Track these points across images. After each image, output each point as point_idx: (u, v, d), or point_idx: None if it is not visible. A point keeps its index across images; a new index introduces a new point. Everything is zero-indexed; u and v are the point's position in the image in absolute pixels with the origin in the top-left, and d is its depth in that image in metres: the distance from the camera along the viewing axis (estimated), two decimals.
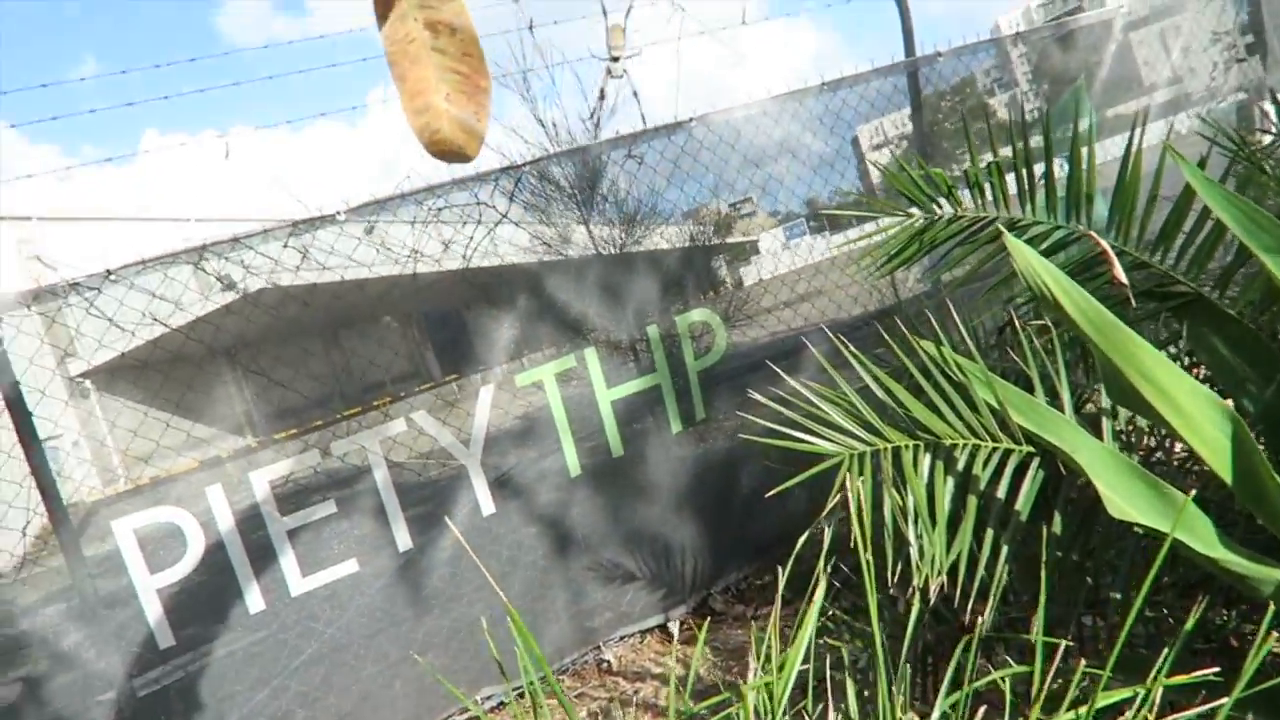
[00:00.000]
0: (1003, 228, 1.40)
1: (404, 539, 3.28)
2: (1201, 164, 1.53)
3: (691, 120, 3.75)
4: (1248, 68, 5.73)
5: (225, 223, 21.57)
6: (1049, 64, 5.15)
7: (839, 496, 1.52)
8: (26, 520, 3.11)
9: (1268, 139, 3.09)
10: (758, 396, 1.76)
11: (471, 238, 3.55)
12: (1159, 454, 2.08)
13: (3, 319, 2.89)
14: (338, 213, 3.10)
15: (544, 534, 3.64)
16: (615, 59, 2.86)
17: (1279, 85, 5.42)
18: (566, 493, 3.59)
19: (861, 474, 1.52)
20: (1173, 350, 1.90)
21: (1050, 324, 1.74)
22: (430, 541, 3.41)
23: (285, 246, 3.10)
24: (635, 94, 2.78)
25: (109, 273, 2.91)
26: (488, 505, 3.39)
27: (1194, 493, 1.15)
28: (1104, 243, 1.43)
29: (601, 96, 2.81)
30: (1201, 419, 1.21)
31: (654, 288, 3.90)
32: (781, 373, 1.93)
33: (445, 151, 0.53)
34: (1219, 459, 1.21)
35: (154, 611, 2.91)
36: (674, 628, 3.68)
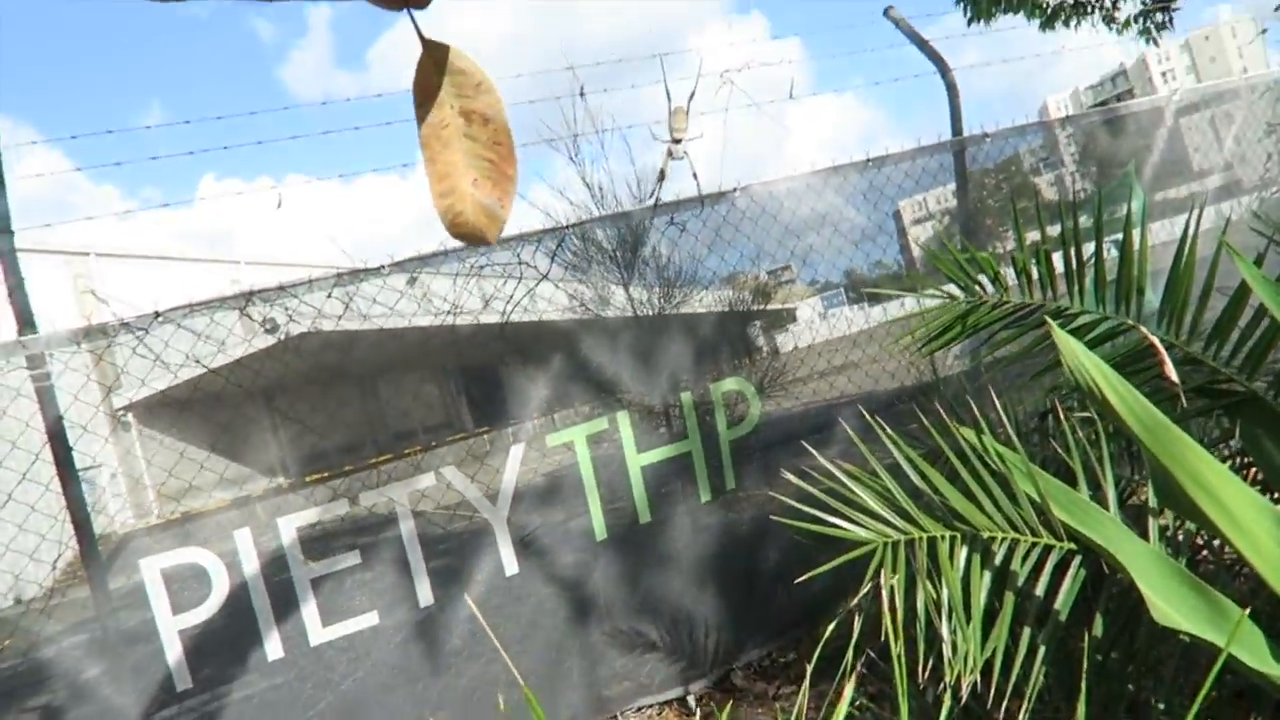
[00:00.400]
0: (1049, 319, 1.37)
1: (425, 594, 3.25)
2: (1259, 261, 1.49)
3: (736, 190, 3.78)
4: None
5: (274, 267, 22.08)
6: (1098, 147, 5.14)
7: (870, 585, 1.47)
8: (58, 554, 3.14)
9: None
10: (790, 477, 1.73)
11: (511, 296, 3.58)
12: (1205, 551, 2.00)
13: (53, 354, 2.95)
14: (382, 266, 3.15)
15: (566, 597, 3.59)
16: (677, 140, 2.88)
17: None
18: (591, 556, 3.55)
19: (895, 564, 1.48)
20: (1224, 450, 1.84)
21: (1095, 415, 1.70)
22: (451, 598, 3.38)
23: (329, 296, 3.14)
24: (695, 175, 2.80)
25: (158, 314, 2.97)
26: (511, 564, 3.36)
27: (1248, 611, 1.09)
28: (1154, 339, 1.39)
29: (662, 178, 2.84)
30: (1256, 528, 1.16)
31: (689, 353, 3.89)
32: (814, 451, 1.89)
33: (465, 233, 0.54)
34: (1273, 571, 1.15)
35: (174, 652, 2.89)
36: (693, 702, 3.59)
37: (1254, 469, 1.70)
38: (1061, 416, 1.66)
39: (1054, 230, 2.06)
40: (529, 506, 3.57)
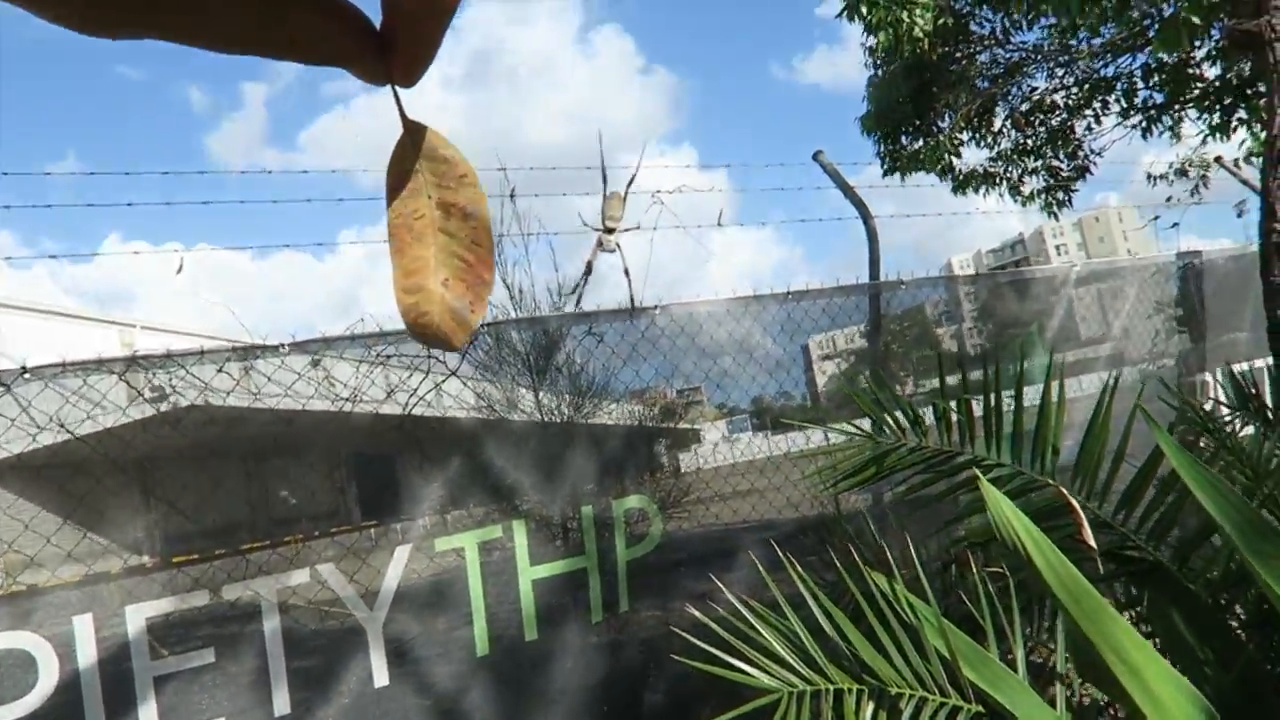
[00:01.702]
0: (978, 472, 1.35)
1: (282, 702, 2.97)
2: (1171, 431, 1.51)
3: (656, 308, 3.78)
4: (1181, 339, 6.06)
5: (173, 334, 21.25)
6: (999, 306, 5.38)
7: None
8: None
9: (1208, 406, 3.18)
10: (692, 610, 1.64)
11: (415, 390, 3.45)
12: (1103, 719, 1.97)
13: None
14: (281, 345, 3.00)
15: (438, 714, 3.35)
16: (610, 230, 2.71)
17: (1209, 357, 5.71)
18: (470, 672, 3.33)
19: (799, 716, 1.38)
20: (1127, 616, 1.83)
21: (1005, 570, 1.67)
22: (310, 709, 3.11)
23: (220, 370, 2.96)
24: (626, 271, 2.65)
25: (25, 369, 2.74)
26: (382, 675, 3.11)
27: None
28: (1075, 502, 1.38)
29: (588, 271, 2.69)
30: (1178, 713, 1.12)
31: (594, 466, 3.80)
32: (717, 581, 1.81)
33: (429, 336, 0.46)
34: None
35: None
36: None
37: (1154, 638, 1.68)
38: (973, 569, 1.62)
39: (953, 381, 2.08)
40: (409, 612, 3.35)
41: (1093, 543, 1.33)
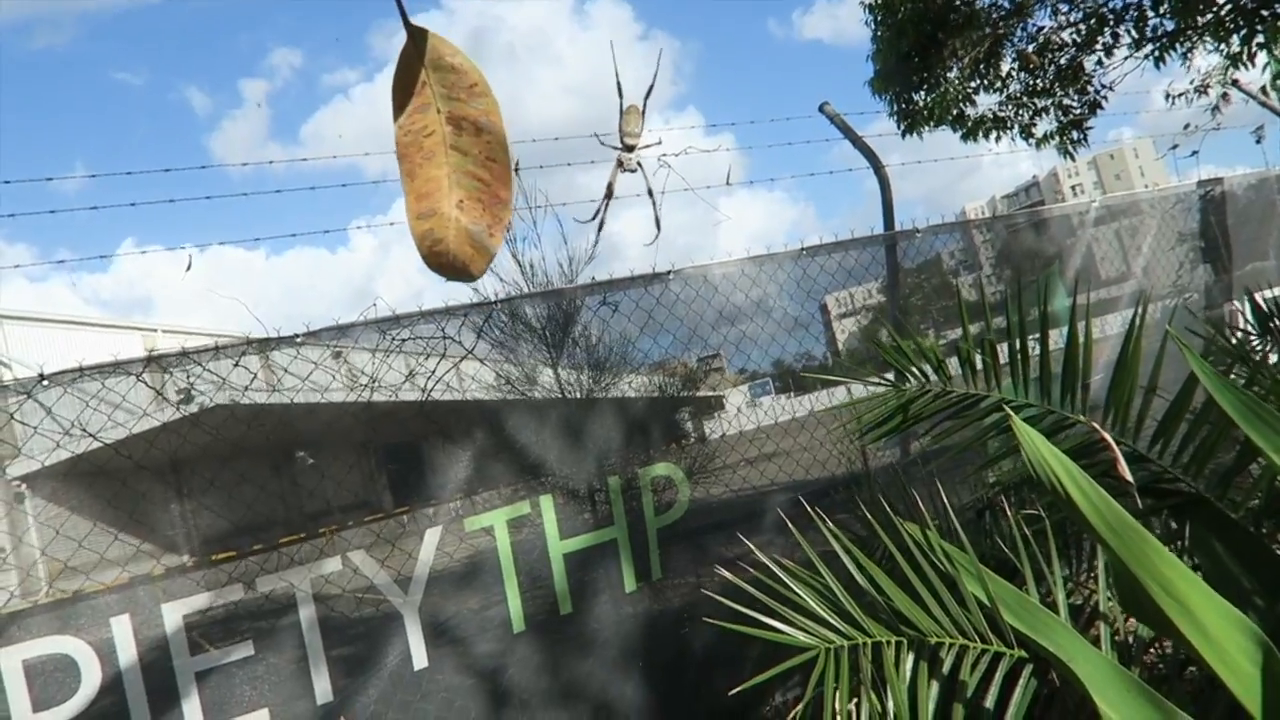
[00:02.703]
0: (1010, 411, 1.31)
1: (324, 688, 2.99)
2: (1205, 357, 1.46)
3: (670, 273, 3.74)
4: (1205, 270, 5.94)
5: (193, 335, 21.42)
6: (1019, 248, 5.28)
7: (813, 694, 1.35)
8: None
9: (1237, 336, 3.11)
10: (724, 572, 1.62)
11: (434, 371, 3.43)
12: (1152, 650, 1.94)
13: None
14: (296, 335, 2.98)
15: (479, 693, 3.36)
16: (630, 147, 2.50)
17: (1235, 287, 5.60)
18: (508, 649, 3.33)
19: (838, 672, 1.36)
20: (1170, 551, 1.79)
21: (1041, 512, 1.63)
22: (353, 694, 3.12)
23: (236, 365, 2.95)
24: (650, 191, 2.49)
25: (43, 376, 2.74)
26: (420, 657, 3.12)
27: None
28: (1108, 436, 1.34)
29: (609, 194, 2.53)
30: (1229, 644, 1.08)
31: (618, 437, 3.77)
32: (749, 543, 1.79)
33: (446, 265, 0.42)
34: (1247, 691, 1.07)
35: None
36: None
37: (1198, 571, 1.64)
38: (1007, 512, 1.58)
39: (975, 329, 2.03)
40: (443, 595, 3.35)
41: (1129, 476, 1.29)
